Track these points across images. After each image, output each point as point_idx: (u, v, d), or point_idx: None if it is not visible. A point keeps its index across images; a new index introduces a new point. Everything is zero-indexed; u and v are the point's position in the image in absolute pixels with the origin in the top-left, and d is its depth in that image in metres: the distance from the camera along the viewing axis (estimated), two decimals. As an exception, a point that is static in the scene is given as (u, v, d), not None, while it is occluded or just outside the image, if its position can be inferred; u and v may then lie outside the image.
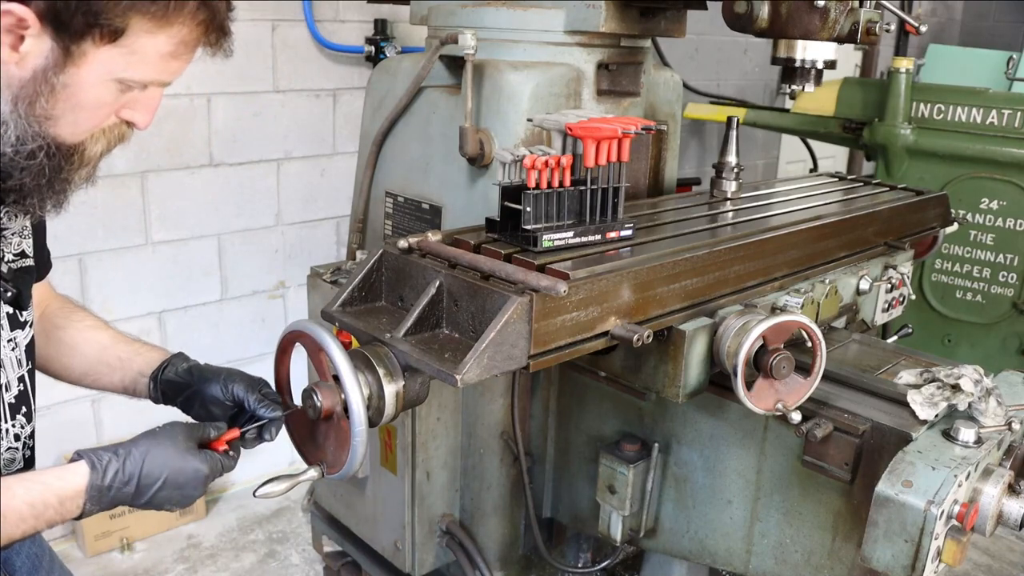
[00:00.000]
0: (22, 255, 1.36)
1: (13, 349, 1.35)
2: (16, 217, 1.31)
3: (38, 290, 1.50)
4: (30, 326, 1.39)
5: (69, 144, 1.20)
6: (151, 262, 3.24)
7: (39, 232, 1.45)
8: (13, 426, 1.38)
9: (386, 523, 2.39)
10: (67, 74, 1.13)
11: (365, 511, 2.47)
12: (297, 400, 1.48)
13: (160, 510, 1.31)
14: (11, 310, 1.34)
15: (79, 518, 1.25)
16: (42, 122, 1.16)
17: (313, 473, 1.46)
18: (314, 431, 1.50)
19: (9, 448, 1.37)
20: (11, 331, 1.34)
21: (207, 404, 1.49)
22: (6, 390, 1.35)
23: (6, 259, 1.32)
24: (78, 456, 1.25)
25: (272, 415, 1.45)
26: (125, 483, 1.25)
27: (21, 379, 1.38)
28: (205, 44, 1.22)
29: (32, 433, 1.44)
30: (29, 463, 1.44)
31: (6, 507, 1.16)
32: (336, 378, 1.38)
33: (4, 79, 1.12)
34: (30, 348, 1.39)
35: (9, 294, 1.28)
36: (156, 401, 1.56)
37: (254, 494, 1.37)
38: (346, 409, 1.37)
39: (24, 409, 1.39)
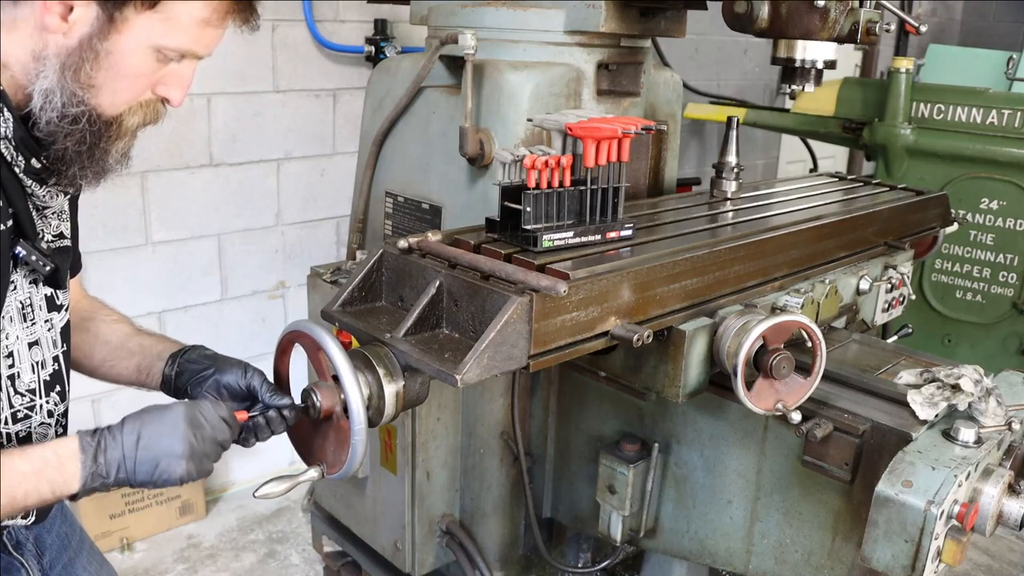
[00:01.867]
0: (60, 236, 1.41)
1: (49, 330, 1.40)
2: (56, 197, 1.35)
3: (71, 286, 1.55)
4: (66, 309, 1.43)
5: (108, 114, 1.27)
6: (151, 262, 3.24)
7: (74, 225, 1.49)
8: (47, 402, 1.41)
9: (386, 523, 2.39)
10: (110, 41, 1.20)
11: (365, 511, 2.47)
12: (296, 400, 1.48)
13: (169, 478, 1.29)
14: (49, 292, 1.38)
15: (86, 489, 1.25)
16: (86, 90, 1.22)
17: (313, 473, 1.46)
18: (314, 431, 1.49)
19: (42, 423, 1.41)
20: (48, 312, 1.39)
21: (219, 389, 1.51)
22: (42, 367, 1.39)
23: (46, 238, 1.36)
24: None
25: (282, 403, 1.46)
26: (120, 431, 1.28)
27: (56, 359, 1.42)
28: (235, 14, 1.28)
29: (65, 412, 1.48)
30: None
31: (8, 465, 1.19)
32: (336, 378, 1.38)
33: (53, 48, 1.19)
34: (65, 330, 1.44)
35: (48, 268, 1.32)
36: (165, 384, 1.58)
37: (254, 495, 1.37)
38: (346, 409, 1.37)
39: (58, 388, 1.43)
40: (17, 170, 1.25)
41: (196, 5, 1.23)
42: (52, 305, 1.40)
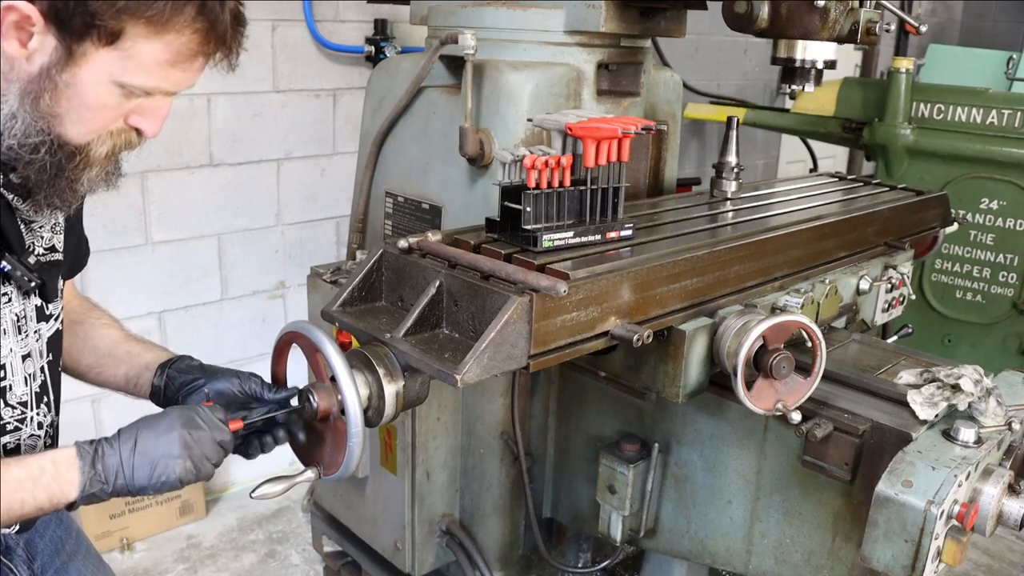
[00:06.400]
0: (52, 249, 1.40)
1: (37, 340, 1.39)
2: (43, 211, 1.33)
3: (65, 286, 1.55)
4: (55, 319, 1.43)
5: (74, 144, 1.23)
6: (151, 262, 3.24)
7: (73, 230, 1.48)
8: (37, 414, 1.41)
9: (386, 523, 2.39)
10: (69, 73, 1.16)
11: (365, 511, 2.47)
12: (294, 401, 1.48)
13: (167, 479, 1.28)
14: (39, 302, 1.37)
15: (84, 496, 1.24)
16: (48, 119, 1.19)
17: (310, 474, 1.45)
18: (311, 432, 1.49)
19: (32, 435, 1.41)
20: (36, 323, 1.38)
21: (212, 397, 1.50)
22: (33, 379, 1.39)
23: (36, 252, 1.35)
24: None
25: (286, 394, 1.46)
26: (117, 439, 1.28)
27: (43, 369, 1.41)
28: (204, 56, 1.23)
29: (53, 423, 1.47)
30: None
31: (4, 473, 1.18)
32: (333, 379, 1.38)
33: (14, 74, 1.16)
34: (52, 340, 1.43)
35: (33, 284, 1.31)
36: (154, 395, 1.57)
37: (251, 495, 1.36)
38: (343, 410, 1.37)
39: (46, 399, 1.43)
40: None
41: (158, 46, 1.17)
42: (41, 315, 1.38)
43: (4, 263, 1.26)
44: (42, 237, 1.37)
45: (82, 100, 1.18)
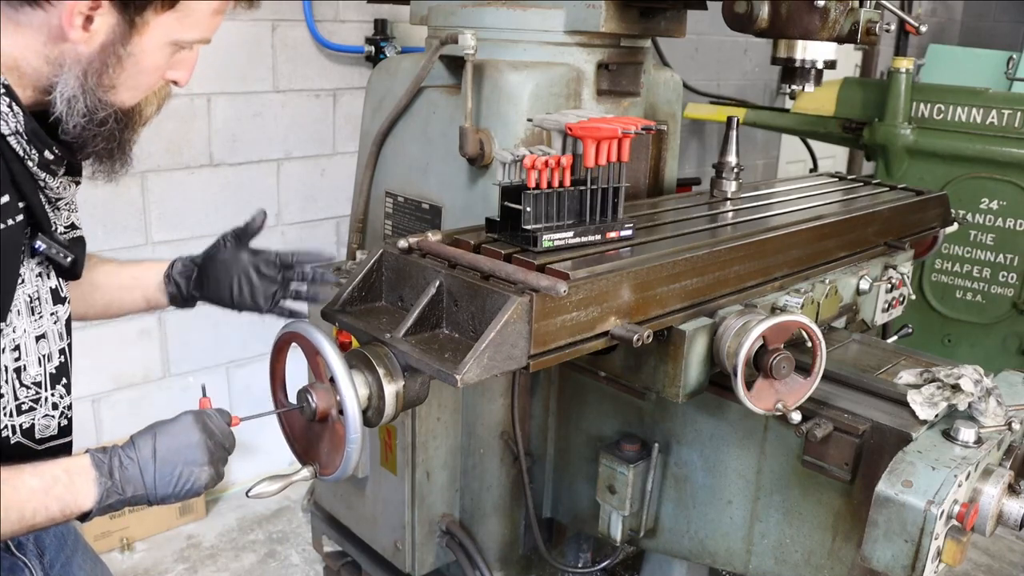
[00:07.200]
0: (72, 227, 1.43)
1: (55, 322, 1.41)
2: (68, 188, 1.37)
3: None
4: (69, 301, 1.44)
5: (129, 107, 1.31)
6: (151, 262, 3.24)
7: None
8: (52, 395, 1.42)
9: (386, 523, 2.39)
10: (132, 44, 1.24)
11: (365, 511, 2.47)
12: (292, 399, 1.48)
13: (193, 487, 1.29)
14: (55, 284, 1.39)
15: (101, 507, 1.24)
16: (107, 91, 1.25)
17: (306, 473, 1.44)
18: (309, 431, 1.48)
19: (46, 415, 1.42)
20: (53, 305, 1.40)
21: (229, 288, 1.69)
22: (48, 360, 1.40)
23: (58, 230, 1.37)
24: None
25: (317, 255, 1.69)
26: (133, 448, 1.28)
27: (62, 351, 1.43)
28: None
29: (70, 405, 1.48)
30: (64, 432, 1.47)
31: (16, 481, 1.19)
32: (333, 380, 1.38)
33: (71, 56, 1.22)
34: (69, 322, 1.45)
35: (68, 259, 1.35)
36: (174, 301, 1.71)
37: (247, 494, 1.35)
38: (342, 411, 1.37)
39: (64, 380, 1.44)
40: (31, 164, 1.25)
41: None
42: (57, 297, 1.40)
43: (39, 242, 1.30)
44: (62, 215, 1.39)
45: (141, 67, 1.26)
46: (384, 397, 1.43)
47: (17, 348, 1.33)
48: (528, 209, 1.59)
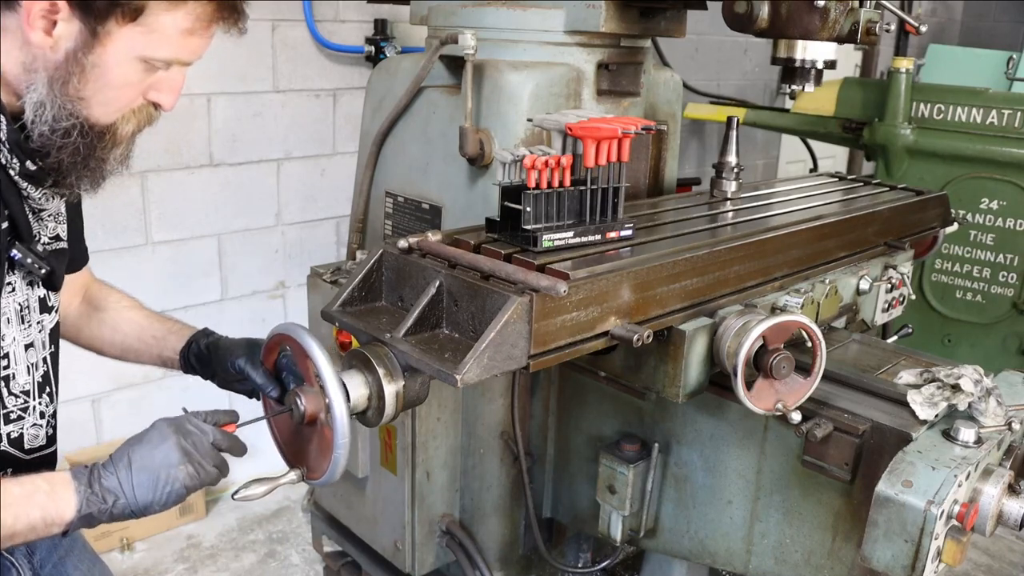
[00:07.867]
0: (57, 238, 1.43)
1: (40, 331, 1.41)
2: (52, 200, 1.36)
3: (80, 277, 1.64)
4: (55, 311, 1.45)
5: (102, 124, 1.28)
6: (151, 262, 3.24)
7: (75, 223, 1.52)
8: (39, 403, 1.43)
9: (386, 523, 2.39)
10: (95, 54, 1.21)
11: (365, 511, 2.47)
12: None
13: (172, 489, 1.28)
14: (43, 294, 1.39)
15: (82, 516, 1.22)
16: (75, 102, 1.24)
17: (293, 476, 1.43)
18: (298, 434, 1.47)
19: (34, 424, 1.43)
20: (40, 314, 1.41)
21: (229, 381, 1.60)
22: (36, 369, 1.41)
23: (42, 240, 1.37)
24: None
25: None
26: (111, 462, 1.27)
27: (45, 360, 1.44)
28: (220, 21, 1.29)
29: (54, 413, 1.50)
30: (51, 441, 1.49)
31: None
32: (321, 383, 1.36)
33: (39, 63, 1.21)
34: (54, 332, 1.45)
35: (43, 271, 1.34)
36: (194, 374, 1.68)
37: (233, 497, 1.34)
38: (330, 415, 1.34)
39: (48, 389, 1.45)
40: (12, 173, 1.25)
41: (178, 16, 1.23)
42: (44, 307, 1.41)
43: (15, 251, 1.29)
44: (47, 227, 1.39)
45: (108, 80, 1.24)
46: (384, 397, 1.43)
47: (6, 356, 1.33)
48: (528, 209, 1.59)
